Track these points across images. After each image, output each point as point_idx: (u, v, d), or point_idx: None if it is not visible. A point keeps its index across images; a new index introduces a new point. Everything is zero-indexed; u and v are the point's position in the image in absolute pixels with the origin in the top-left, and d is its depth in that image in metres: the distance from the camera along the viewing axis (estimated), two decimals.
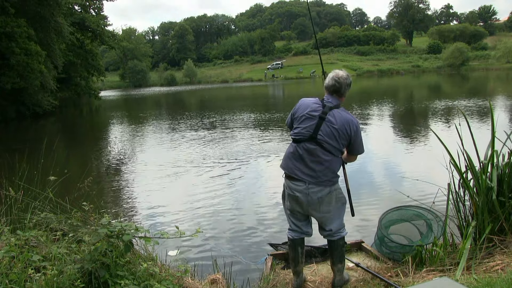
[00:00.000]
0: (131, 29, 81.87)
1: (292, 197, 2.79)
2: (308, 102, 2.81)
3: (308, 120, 2.72)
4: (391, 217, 3.64)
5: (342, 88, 2.75)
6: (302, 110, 2.78)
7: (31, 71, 17.94)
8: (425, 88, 32.45)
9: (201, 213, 5.46)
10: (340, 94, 2.78)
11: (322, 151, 2.68)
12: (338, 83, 2.75)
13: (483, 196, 3.14)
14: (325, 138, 2.67)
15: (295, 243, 2.92)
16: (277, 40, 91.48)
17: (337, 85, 2.75)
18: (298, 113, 2.80)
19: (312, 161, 2.69)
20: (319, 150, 2.68)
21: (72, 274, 2.28)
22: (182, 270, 2.87)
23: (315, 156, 2.69)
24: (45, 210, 3.06)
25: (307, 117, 2.73)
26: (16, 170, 3.29)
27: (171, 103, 32.60)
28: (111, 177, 8.03)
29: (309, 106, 2.76)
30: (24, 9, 18.79)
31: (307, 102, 2.81)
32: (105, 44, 31.89)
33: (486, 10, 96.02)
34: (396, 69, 63.08)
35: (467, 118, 3.74)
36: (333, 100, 2.75)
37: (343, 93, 2.78)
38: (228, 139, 11.38)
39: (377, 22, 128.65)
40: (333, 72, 2.82)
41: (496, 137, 3.32)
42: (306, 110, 2.75)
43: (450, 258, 3.06)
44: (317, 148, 2.68)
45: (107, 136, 15.09)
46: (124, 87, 69.56)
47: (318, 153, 2.68)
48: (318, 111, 2.71)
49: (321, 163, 2.68)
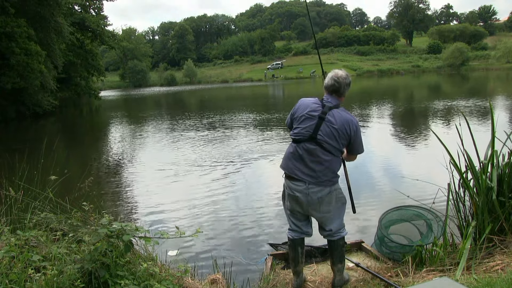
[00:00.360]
0: (131, 29, 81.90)
1: (292, 197, 2.79)
2: (307, 102, 2.80)
3: (308, 120, 2.72)
4: (391, 217, 3.64)
5: (342, 87, 2.75)
6: (301, 110, 2.77)
7: (31, 71, 17.95)
8: (425, 88, 32.45)
9: (201, 213, 5.46)
10: (340, 94, 2.77)
11: (322, 151, 2.68)
12: (337, 82, 2.74)
13: (483, 196, 3.13)
14: (325, 138, 2.67)
15: (295, 243, 2.92)
16: (277, 40, 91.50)
17: (337, 84, 2.75)
18: (298, 113, 2.79)
19: (312, 161, 2.69)
20: (319, 150, 2.68)
21: (72, 274, 2.28)
22: (182, 270, 2.87)
23: (315, 156, 2.69)
24: (45, 210, 3.06)
25: (307, 117, 2.73)
26: (16, 170, 3.29)
27: (171, 103, 32.60)
28: (111, 177, 8.03)
29: (309, 106, 2.76)
30: (24, 9, 18.79)
31: (306, 102, 2.80)
32: (105, 44, 31.90)
33: (486, 10, 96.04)
34: (396, 69, 63.08)
35: (467, 118, 3.74)
36: (332, 100, 2.75)
37: (342, 92, 2.77)
38: (228, 139, 11.38)
39: (377, 22, 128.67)
40: (333, 72, 2.81)
41: (496, 137, 3.32)
42: (306, 110, 2.74)
43: (450, 258, 3.06)
44: (317, 148, 2.68)
45: (107, 136, 15.08)
46: (124, 87, 69.57)
47: (318, 153, 2.68)
48: (318, 111, 2.70)
49: (321, 163, 2.68)
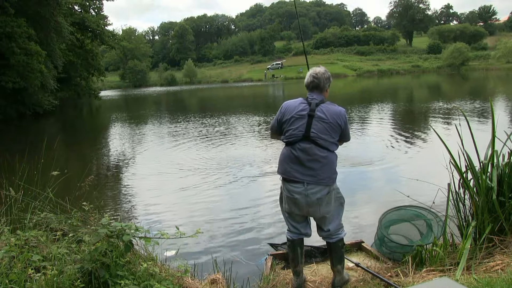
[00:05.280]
0: (131, 29, 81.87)
1: (291, 200, 2.78)
2: (293, 103, 2.80)
3: (298, 120, 2.72)
4: (391, 217, 3.64)
5: (322, 82, 2.78)
6: (289, 113, 2.77)
7: (31, 71, 17.95)
8: (425, 88, 32.44)
9: (201, 214, 5.46)
10: (321, 89, 2.80)
11: (318, 148, 2.68)
12: (316, 78, 2.78)
13: (483, 196, 3.13)
14: (319, 135, 2.67)
15: (294, 243, 2.91)
16: (277, 40, 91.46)
17: (316, 80, 2.78)
18: (286, 116, 2.78)
19: (309, 160, 2.68)
20: (315, 148, 2.68)
21: (72, 274, 2.28)
22: (182, 270, 2.87)
23: (311, 155, 2.68)
24: (45, 210, 3.06)
25: (297, 117, 2.73)
26: (16, 170, 3.29)
27: (171, 103, 32.60)
28: (111, 177, 8.03)
29: (296, 107, 2.77)
30: (24, 9, 18.79)
31: (292, 104, 2.80)
32: (105, 44, 31.89)
33: (486, 10, 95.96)
34: (396, 69, 63.03)
35: (467, 118, 3.73)
36: (317, 96, 2.77)
37: (323, 87, 2.80)
38: (228, 140, 11.38)
39: (377, 22, 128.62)
40: (311, 70, 2.85)
41: (496, 137, 3.32)
42: (294, 111, 2.75)
43: (450, 258, 3.06)
44: (312, 146, 2.68)
45: (107, 136, 15.08)
46: (124, 87, 69.53)
47: (314, 151, 2.68)
48: (306, 110, 2.72)
49: (318, 160, 2.68)
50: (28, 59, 17.77)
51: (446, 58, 59.80)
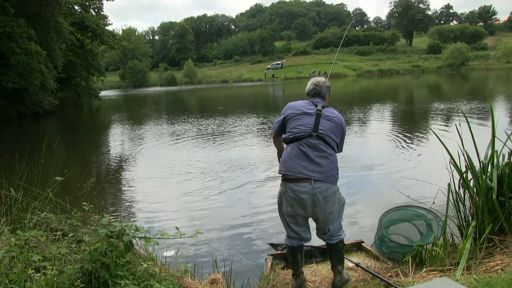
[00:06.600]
0: (131, 29, 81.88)
1: (296, 200, 2.69)
2: (299, 102, 2.87)
3: (306, 116, 2.75)
4: (391, 217, 3.64)
5: (323, 90, 2.91)
6: (295, 110, 2.81)
7: (31, 71, 17.96)
8: (425, 88, 32.43)
9: (201, 214, 5.46)
10: (322, 96, 2.91)
11: (325, 145, 2.70)
12: (317, 86, 2.91)
13: (483, 196, 3.13)
14: (327, 132, 2.71)
15: (294, 250, 2.89)
16: (277, 40, 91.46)
17: (317, 87, 2.91)
18: (293, 112, 2.81)
19: (317, 156, 2.67)
20: (322, 144, 2.69)
21: (72, 274, 2.28)
22: (182, 270, 2.87)
23: (319, 151, 2.68)
24: (45, 210, 3.06)
25: (305, 113, 2.76)
26: (16, 170, 3.29)
27: (171, 103, 32.60)
28: (111, 177, 8.03)
29: (301, 106, 2.82)
30: (24, 9, 18.80)
31: (297, 103, 2.86)
32: (105, 44, 31.94)
33: (486, 10, 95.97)
34: (396, 69, 63.00)
35: (467, 118, 3.73)
36: (320, 101, 2.87)
37: (324, 95, 2.92)
38: (228, 140, 11.38)
39: (377, 22, 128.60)
40: (312, 79, 3.02)
41: (496, 137, 3.32)
42: (301, 109, 2.80)
43: (450, 258, 3.06)
44: (320, 142, 2.69)
45: (107, 136, 15.08)
46: (124, 87, 69.53)
47: (322, 147, 2.69)
48: (313, 109, 2.78)
49: (326, 157, 2.69)
50: (28, 59, 17.78)
51: (446, 58, 59.78)
